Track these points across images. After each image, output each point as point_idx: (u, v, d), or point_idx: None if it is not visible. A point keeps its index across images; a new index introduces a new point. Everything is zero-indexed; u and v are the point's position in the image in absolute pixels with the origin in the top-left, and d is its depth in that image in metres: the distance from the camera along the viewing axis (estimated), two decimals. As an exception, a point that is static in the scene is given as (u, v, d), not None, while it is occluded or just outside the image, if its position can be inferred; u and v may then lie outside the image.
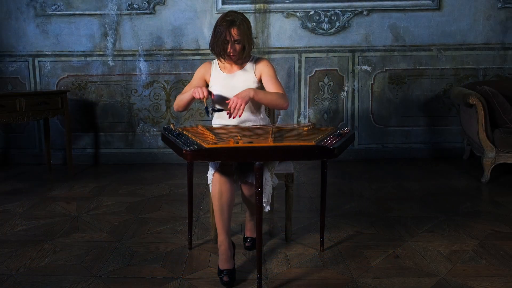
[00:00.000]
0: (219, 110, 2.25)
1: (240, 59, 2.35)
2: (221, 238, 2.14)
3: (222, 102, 2.33)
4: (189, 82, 2.49)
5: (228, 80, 2.38)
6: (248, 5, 4.44)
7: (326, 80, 4.59)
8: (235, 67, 2.42)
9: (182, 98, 2.32)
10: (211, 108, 2.24)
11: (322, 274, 2.18)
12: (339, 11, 4.49)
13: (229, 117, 2.12)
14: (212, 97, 2.33)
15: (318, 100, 4.62)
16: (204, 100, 2.19)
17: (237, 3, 4.42)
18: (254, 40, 2.44)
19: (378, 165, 4.40)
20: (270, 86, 2.32)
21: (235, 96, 2.12)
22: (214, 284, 2.09)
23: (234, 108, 2.08)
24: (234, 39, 2.24)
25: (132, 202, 3.33)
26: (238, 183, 2.23)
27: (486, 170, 3.69)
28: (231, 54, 2.28)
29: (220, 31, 2.23)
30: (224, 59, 2.36)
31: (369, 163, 4.49)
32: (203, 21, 4.47)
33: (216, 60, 2.45)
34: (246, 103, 2.11)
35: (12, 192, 3.63)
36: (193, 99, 2.25)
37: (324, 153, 1.86)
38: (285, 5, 4.47)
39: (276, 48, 4.52)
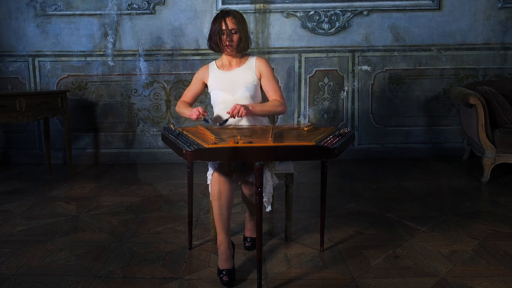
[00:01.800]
0: (225, 122, 2.29)
1: (238, 51, 2.36)
2: (221, 237, 2.14)
3: (221, 104, 2.37)
4: (189, 82, 2.50)
5: (227, 77, 2.41)
6: (248, 5, 4.44)
7: (326, 80, 4.59)
8: (234, 64, 2.43)
9: (183, 112, 2.42)
10: (218, 123, 2.32)
11: (322, 274, 2.18)
12: (339, 11, 4.48)
13: (234, 117, 2.22)
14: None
15: (318, 100, 4.61)
16: (201, 116, 2.27)
17: (237, 3, 4.41)
18: (251, 35, 2.47)
19: (378, 165, 4.40)
20: (269, 89, 2.41)
21: (236, 104, 2.21)
22: (214, 284, 2.09)
23: (236, 113, 2.18)
24: (230, 28, 2.30)
25: (132, 202, 3.33)
26: (238, 183, 2.24)
27: (486, 170, 3.69)
28: (228, 44, 2.30)
29: (216, 23, 2.32)
30: (222, 51, 2.38)
31: (369, 163, 4.49)
32: (203, 21, 4.47)
33: (213, 62, 2.50)
34: (245, 111, 2.19)
35: (12, 192, 3.63)
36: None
37: (324, 153, 1.86)
38: (285, 5, 4.46)
39: (276, 48, 4.52)
